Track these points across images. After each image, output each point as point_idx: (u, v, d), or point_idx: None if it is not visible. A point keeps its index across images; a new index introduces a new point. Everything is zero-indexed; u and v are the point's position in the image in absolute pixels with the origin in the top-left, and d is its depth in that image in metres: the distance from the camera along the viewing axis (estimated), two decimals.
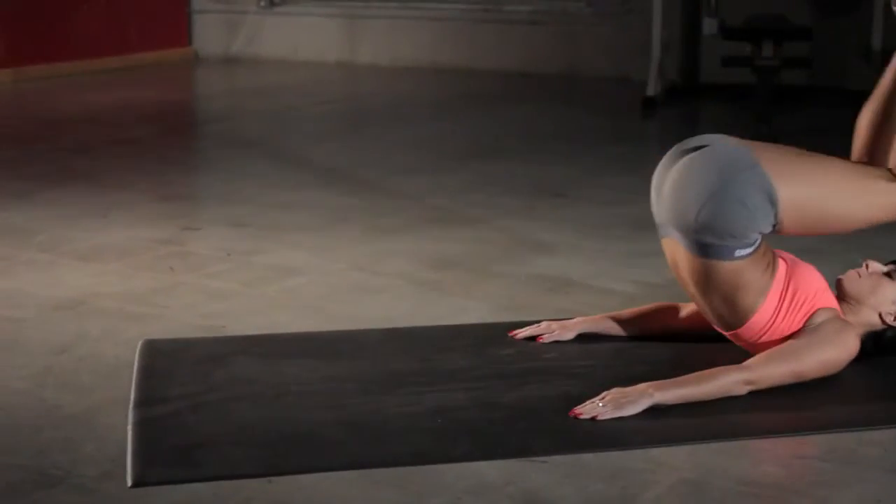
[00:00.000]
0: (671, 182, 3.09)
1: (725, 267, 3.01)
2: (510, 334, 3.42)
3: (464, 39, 9.29)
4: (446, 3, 9.36)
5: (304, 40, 9.81)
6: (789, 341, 3.04)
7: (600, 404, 2.89)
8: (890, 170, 3.13)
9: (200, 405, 2.95)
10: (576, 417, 2.86)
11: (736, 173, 2.98)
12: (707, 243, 3.00)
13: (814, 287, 3.10)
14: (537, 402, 2.98)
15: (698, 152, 3.08)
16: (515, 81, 8.84)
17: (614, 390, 2.92)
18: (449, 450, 2.74)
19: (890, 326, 3.17)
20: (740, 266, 3.01)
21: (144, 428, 2.82)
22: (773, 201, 2.97)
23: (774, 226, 3.01)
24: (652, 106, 7.51)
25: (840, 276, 3.24)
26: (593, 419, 2.85)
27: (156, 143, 6.74)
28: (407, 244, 4.47)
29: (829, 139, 7.11)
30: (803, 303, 3.07)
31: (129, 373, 3.19)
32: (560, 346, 3.35)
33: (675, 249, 3.11)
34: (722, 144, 3.08)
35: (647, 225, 4.65)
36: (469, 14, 9.29)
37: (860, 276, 3.21)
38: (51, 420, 2.92)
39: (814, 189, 3.03)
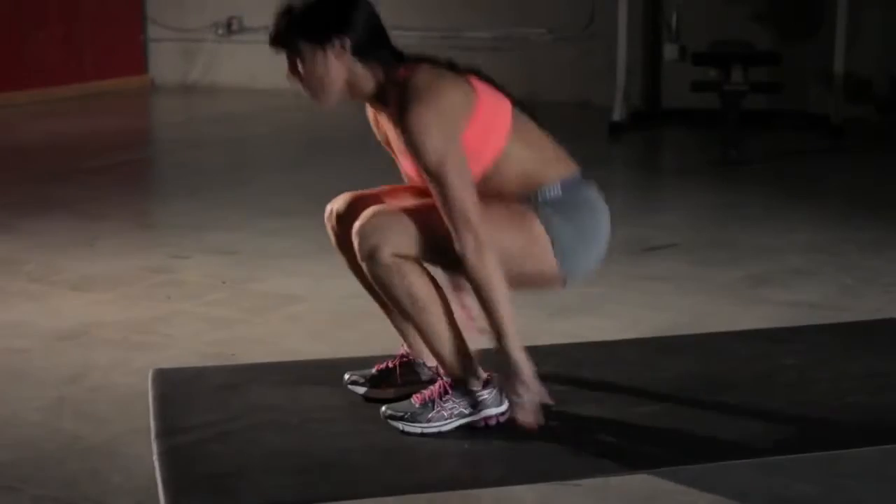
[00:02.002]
0: None
1: None
2: None
3: None
4: (404, 30, 9.32)
5: (262, 68, 9.74)
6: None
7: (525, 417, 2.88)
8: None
9: (225, 434, 2.93)
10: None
11: None
12: None
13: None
14: (557, 425, 2.98)
15: None
16: None
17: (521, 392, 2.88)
18: (483, 474, 2.74)
19: None
20: None
21: (172, 458, 2.79)
22: None
23: None
24: (618, 131, 7.56)
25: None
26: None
27: (125, 171, 6.69)
28: None
29: (793, 162, 7.17)
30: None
31: (143, 402, 3.16)
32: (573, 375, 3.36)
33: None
34: None
35: (633, 249, 4.70)
36: (428, 41, 9.28)
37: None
38: (73, 451, 2.89)
39: None
